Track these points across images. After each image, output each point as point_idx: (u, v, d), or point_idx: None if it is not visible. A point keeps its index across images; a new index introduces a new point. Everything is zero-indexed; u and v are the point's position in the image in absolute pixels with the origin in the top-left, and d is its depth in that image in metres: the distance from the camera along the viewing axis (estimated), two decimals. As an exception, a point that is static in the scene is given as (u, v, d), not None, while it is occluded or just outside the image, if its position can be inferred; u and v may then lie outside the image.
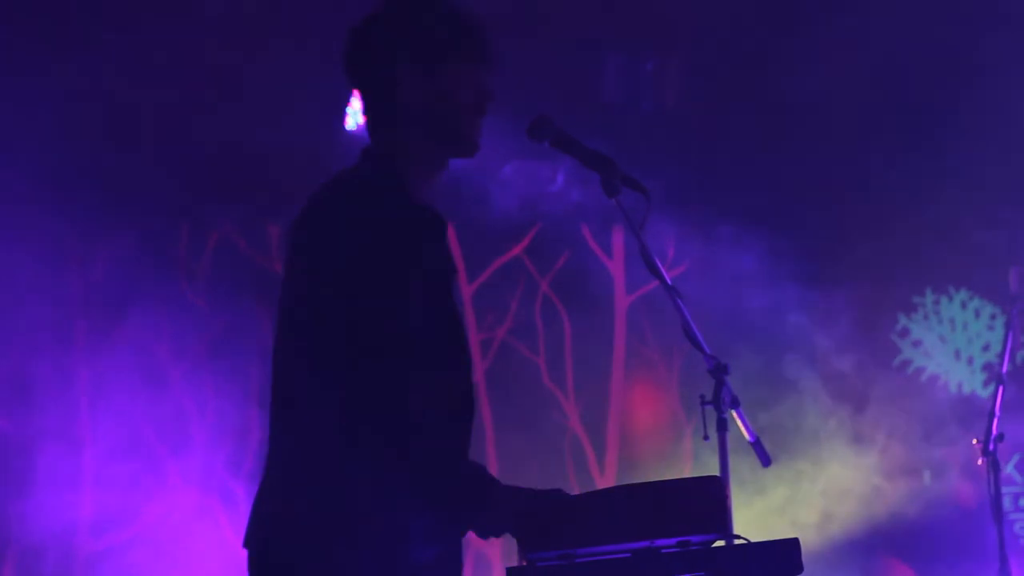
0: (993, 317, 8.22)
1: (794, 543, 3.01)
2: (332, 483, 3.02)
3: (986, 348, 8.24)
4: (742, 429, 3.97)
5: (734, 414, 3.94)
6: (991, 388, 6.81)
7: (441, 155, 3.29)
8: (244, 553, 3.18)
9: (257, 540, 3.14)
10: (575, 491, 3.19)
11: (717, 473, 3.75)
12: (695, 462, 8.18)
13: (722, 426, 3.92)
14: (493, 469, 8.26)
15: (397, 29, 3.26)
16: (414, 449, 3.00)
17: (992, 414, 6.18)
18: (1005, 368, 6.35)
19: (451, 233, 8.34)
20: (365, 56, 3.29)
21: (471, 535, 3.15)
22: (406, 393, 3.01)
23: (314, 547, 3.03)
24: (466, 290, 8.44)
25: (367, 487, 3.02)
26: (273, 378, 3.20)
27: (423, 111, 3.24)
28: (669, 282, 3.83)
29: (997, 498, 6.11)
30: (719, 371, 3.88)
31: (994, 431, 6.14)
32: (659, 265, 3.82)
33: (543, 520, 3.00)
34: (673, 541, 3.00)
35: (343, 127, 7.71)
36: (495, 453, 8.33)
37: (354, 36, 3.32)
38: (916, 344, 8.29)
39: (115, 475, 7.63)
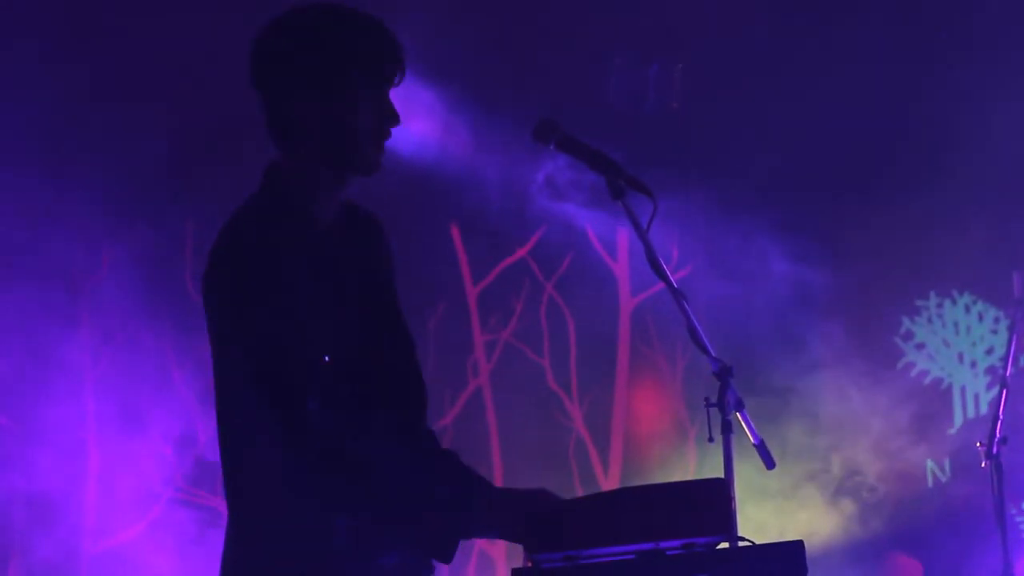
0: (997, 320, 8.22)
1: (798, 545, 3.02)
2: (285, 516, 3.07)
3: (990, 352, 8.23)
4: (747, 431, 3.99)
5: (739, 416, 3.95)
6: (995, 392, 6.82)
7: (338, 176, 3.24)
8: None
9: None
10: (579, 493, 3.19)
11: (721, 475, 3.76)
12: (699, 464, 8.18)
13: (726, 428, 3.94)
14: (497, 470, 8.29)
15: (293, 53, 3.19)
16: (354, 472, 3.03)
17: (996, 417, 6.20)
18: (1009, 371, 6.37)
19: (456, 235, 8.44)
20: (266, 73, 3.23)
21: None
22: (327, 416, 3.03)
23: None
24: (471, 292, 8.45)
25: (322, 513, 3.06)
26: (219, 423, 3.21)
27: (318, 135, 3.19)
28: (674, 284, 3.84)
29: (1000, 500, 6.13)
30: (724, 373, 3.90)
31: (998, 434, 6.16)
32: (664, 267, 3.83)
33: (548, 521, 3.01)
34: (678, 543, 3.00)
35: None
36: (499, 454, 8.33)
37: (257, 49, 3.24)
38: (920, 347, 8.29)
39: (117, 474, 7.64)
